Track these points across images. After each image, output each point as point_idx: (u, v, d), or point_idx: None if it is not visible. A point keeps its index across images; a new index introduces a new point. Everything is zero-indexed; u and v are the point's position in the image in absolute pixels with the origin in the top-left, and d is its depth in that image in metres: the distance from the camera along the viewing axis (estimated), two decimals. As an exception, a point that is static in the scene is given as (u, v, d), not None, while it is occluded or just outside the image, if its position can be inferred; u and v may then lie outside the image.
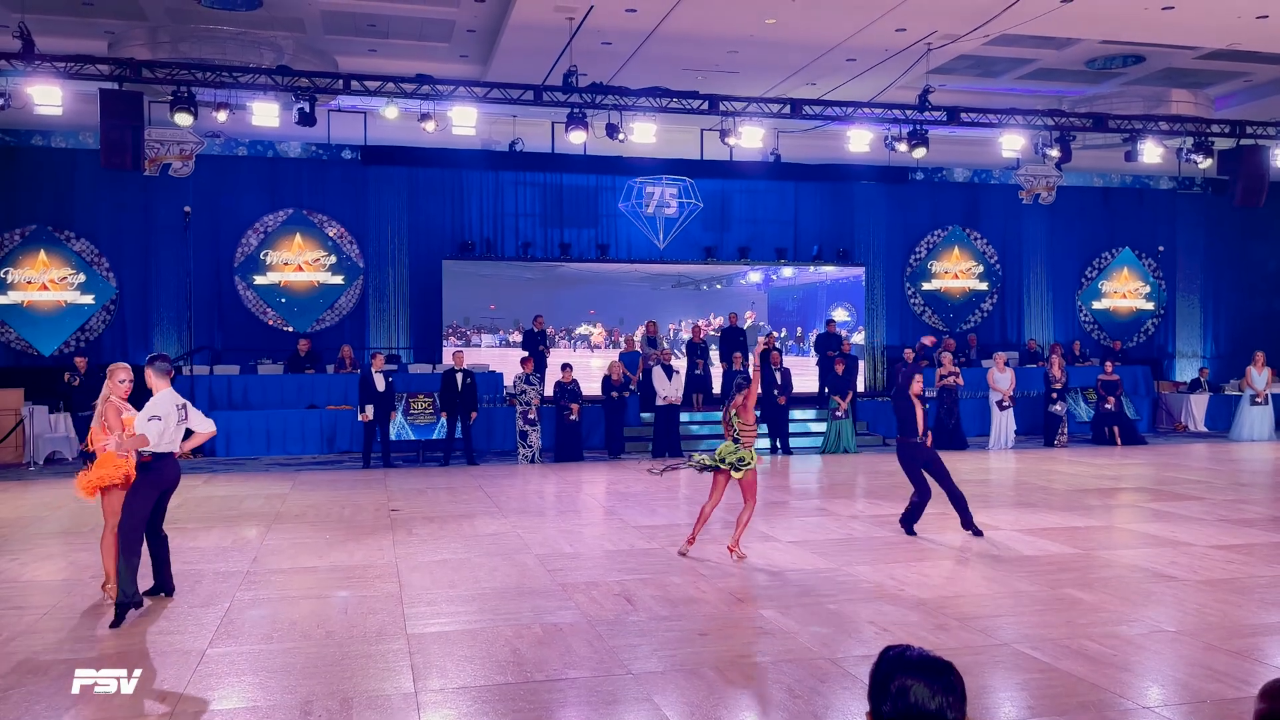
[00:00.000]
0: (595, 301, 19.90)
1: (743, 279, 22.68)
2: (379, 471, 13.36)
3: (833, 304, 21.67)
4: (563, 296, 19.27)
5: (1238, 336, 20.55)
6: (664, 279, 20.54)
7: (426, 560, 7.78)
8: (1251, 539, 8.39)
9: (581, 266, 18.72)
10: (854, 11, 12.37)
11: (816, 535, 8.79)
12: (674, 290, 20.96)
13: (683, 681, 5.02)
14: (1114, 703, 4.70)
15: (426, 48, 14.35)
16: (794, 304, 23.00)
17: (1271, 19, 12.58)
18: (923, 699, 1.75)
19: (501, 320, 18.99)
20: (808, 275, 21.73)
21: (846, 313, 20.89)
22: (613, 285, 19.89)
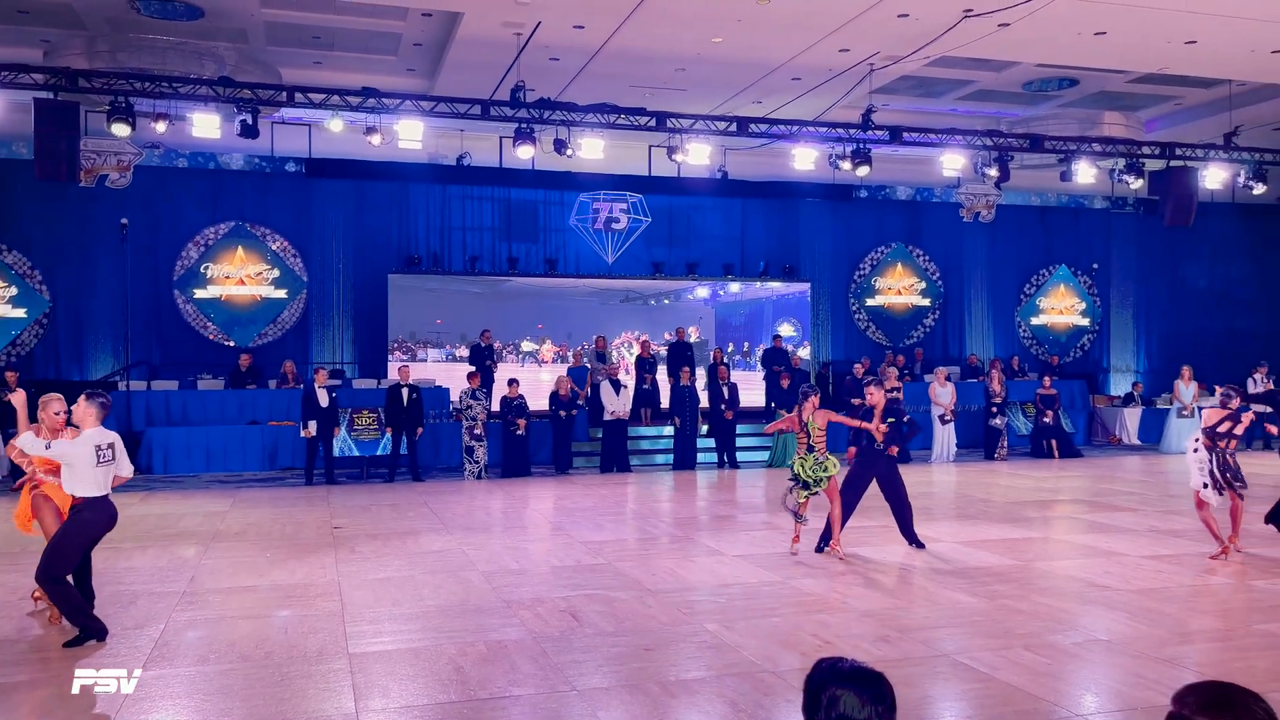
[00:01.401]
0: (543, 316, 19.85)
1: (690, 294, 22.80)
2: (322, 488, 13.17)
3: (779, 319, 21.85)
4: (510, 311, 19.20)
5: (1169, 352, 21.16)
6: (612, 294, 20.56)
7: (370, 578, 7.69)
8: (1180, 549, 8.63)
9: (529, 281, 18.68)
10: (798, 32, 12.57)
11: (762, 549, 8.85)
12: (622, 305, 20.99)
13: (627, 697, 5.02)
14: (1050, 711, 4.80)
15: (373, 60, 14.27)
16: (741, 319, 23.18)
17: (1200, 44, 13.04)
18: (852, 709, 1.78)
19: (448, 335, 18.84)
20: (754, 291, 21.91)
21: (792, 328, 21.09)
22: (561, 300, 19.86)
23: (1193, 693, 1.72)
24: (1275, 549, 8.66)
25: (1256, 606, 6.75)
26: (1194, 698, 1.71)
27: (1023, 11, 11.54)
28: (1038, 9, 11.43)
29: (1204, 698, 1.70)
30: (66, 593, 5.87)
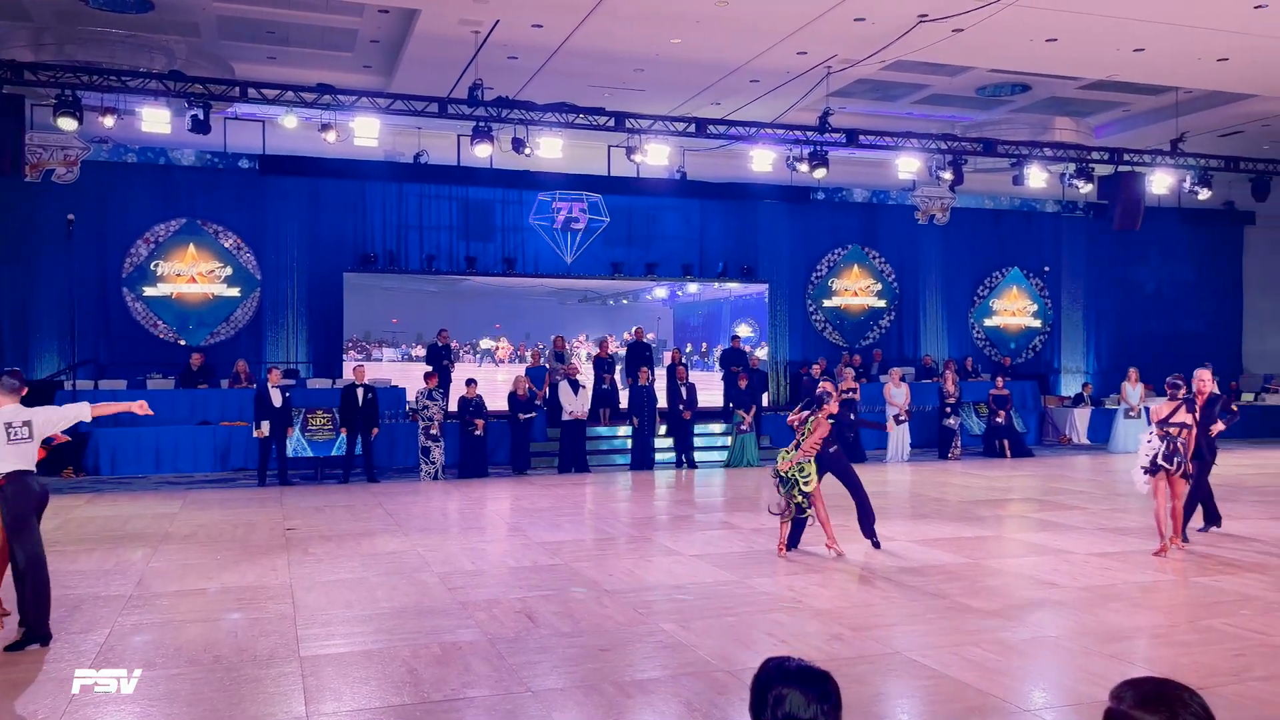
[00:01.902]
0: (501, 316, 19.76)
1: (649, 294, 22.84)
2: (275, 489, 12.99)
3: (736, 320, 21.98)
4: (467, 310, 19.07)
5: (1118, 353, 21.57)
6: (570, 294, 20.52)
7: (323, 580, 7.60)
8: (1126, 547, 8.80)
9: (487, 280, 18.56)
10: (757, 34, 12.64)
11: (719, 548, 8.88)
12: (580, 305, 20.97)
13: (582, 698, 5.01)
14: (999, 707, 4.87)
15: (328, 56, 14.12)
16: (699, 320, 23.28)
17: (1147, 52, 13.32)
18: (798, 708, 1.79)
19: (404, 334, 18.66)
20: (712, 291, 22.00)
21: (749, 329, 21.21)
22: (518, 299, 19.79)
23: (1130, 688, 1.75)
24: (1216, 546, 8.86)
25: (1199, 603, 6.90)
26: (1131, 693, 1.74)
27: (976, 17, 11.71)
28: (991, 15, 11.60)
29: (1140, 693, 1.73)
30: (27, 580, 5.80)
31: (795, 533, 8.65)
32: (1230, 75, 14.36)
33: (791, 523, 8.57)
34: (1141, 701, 1.71)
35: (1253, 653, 5.68)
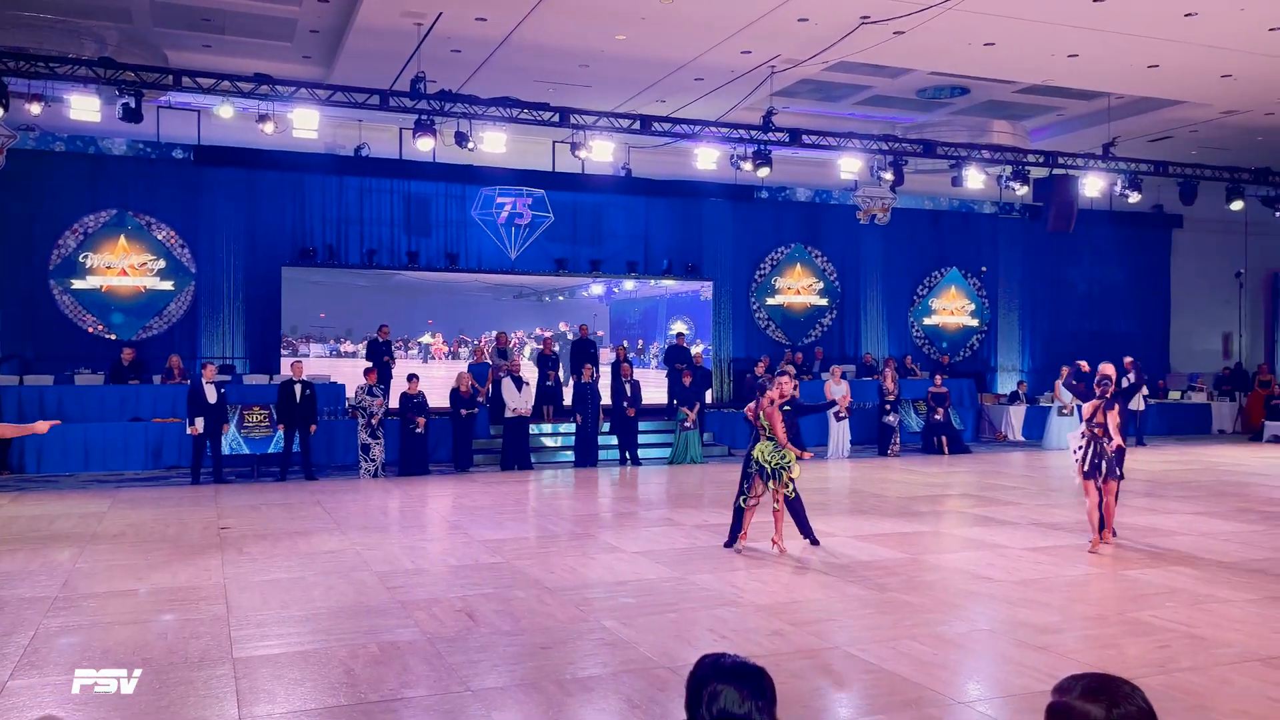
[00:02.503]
0: (434, 311, 19.49)
1: (585, 291, 22.76)
2: (209, 488, 12.71)
3: (673, 317, 22.00)
4: (399, 305, 18.73)
5: (1051, 352, 22.07)
6: (505, 289, 20.34)
7: (258, 580, 7.44)
8: (1058, 541, 9.01)
9: (421, 275, 18.28)
10: (701, 32, 12.67)
11: (661, 545, 8.89)
12: (516, 301, 20.81)
13: (523, 697, 4.98)
14: (934, 700, 4.95)
15: (266, 46, 13.83)
16: (636, 317, 23.26)
17: (1081, 58, 13.64)
18: (732, 704, 1.79)
19: (332, 329, 18.29)
20: (649, 289, 21.98)
21: (685, 326, 21.27)
22: (452, 295, 19.52)
23: (1074, 681, 1.80)
24: (1146, 540, 9.11)
25: (1127, 596, 7.09)
26: (1074, 686, 1.79)
27: (917, 20, 11.88)
28: (931, 19, 11.77)
29: (1084, 686, 1.78)
30: None
31: (737, 526, 8.70)
32: (1160, 82, 14.76)
33: (735, 512, 8.66)
34: (1084, 694, 1.75)
35: (1178, 644, 5.85)
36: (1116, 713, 1.71)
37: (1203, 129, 17.55)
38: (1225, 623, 6.29)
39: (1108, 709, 1.72)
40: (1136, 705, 1.73)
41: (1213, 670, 5.34)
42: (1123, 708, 1.72)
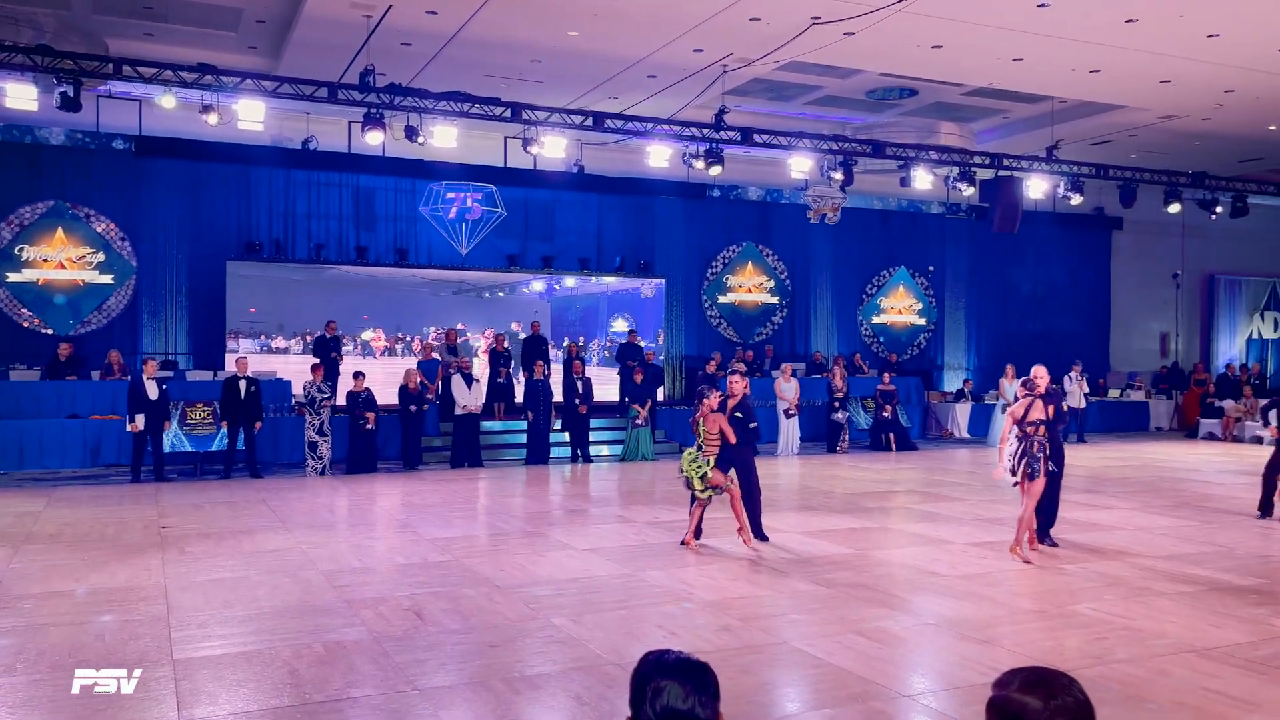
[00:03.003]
0: (371, 307, 19.19)
1: (526, 288, 22.67)
2: (150, 486, 12.44)
3: (614, 315, 21.99)
4: (336, 301, 18.41)
5: (996, 351, 22.45)
6: (445, 285, 20.13)
7: (200, 580, 7.30)
8: (1002, 536, 9.16)
9: (356, 270, 18.01)
10: (653, 30, 12.67)
11: (612, 542, 8.89)
12: (455, 297, 20.62)
13: (470, 695, 4.95)
14: (880, 693, 5.01)
15: (211, 36, 13.56)
16: (577, 314, 23.21)
17: (1026, 62, 13.89)
18: (676, 699, 1.80)
19: (262, 324, 17.92)
20: (589, 286, 21.93)
21: (626, 323, 21.28)
22: (391, 290, 19.25)
23: (1014, 675, 1.84)
24: (1085, 535, 9.31)
25: (1066, 589, 7.24)
26: (1014, 679, 1.83)
27: (867, 22, 12.00)
28: (881, 20, 11.90)
29: (1024, 678, 1.82)
30: None
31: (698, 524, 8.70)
32: (1101, 86, 15.09)
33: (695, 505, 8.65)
34: (1023, 687, 1.79)
35: (1115, 636, 5.98)
36: (1054, 704, 1.75)
37: (1142, 133, 17.97)
38: (1161, 615, 6.46)
39: (1046, 701, 1.75)
40: (1074, 696, 1.77)
41: (1149, 661, 5.48)
42: (1060, 699, 1.76)
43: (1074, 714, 1.75)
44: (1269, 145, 18.69)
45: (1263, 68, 13.92)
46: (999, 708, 1.80)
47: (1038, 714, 1.75)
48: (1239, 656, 5.57)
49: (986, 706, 1.84)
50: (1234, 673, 5.30)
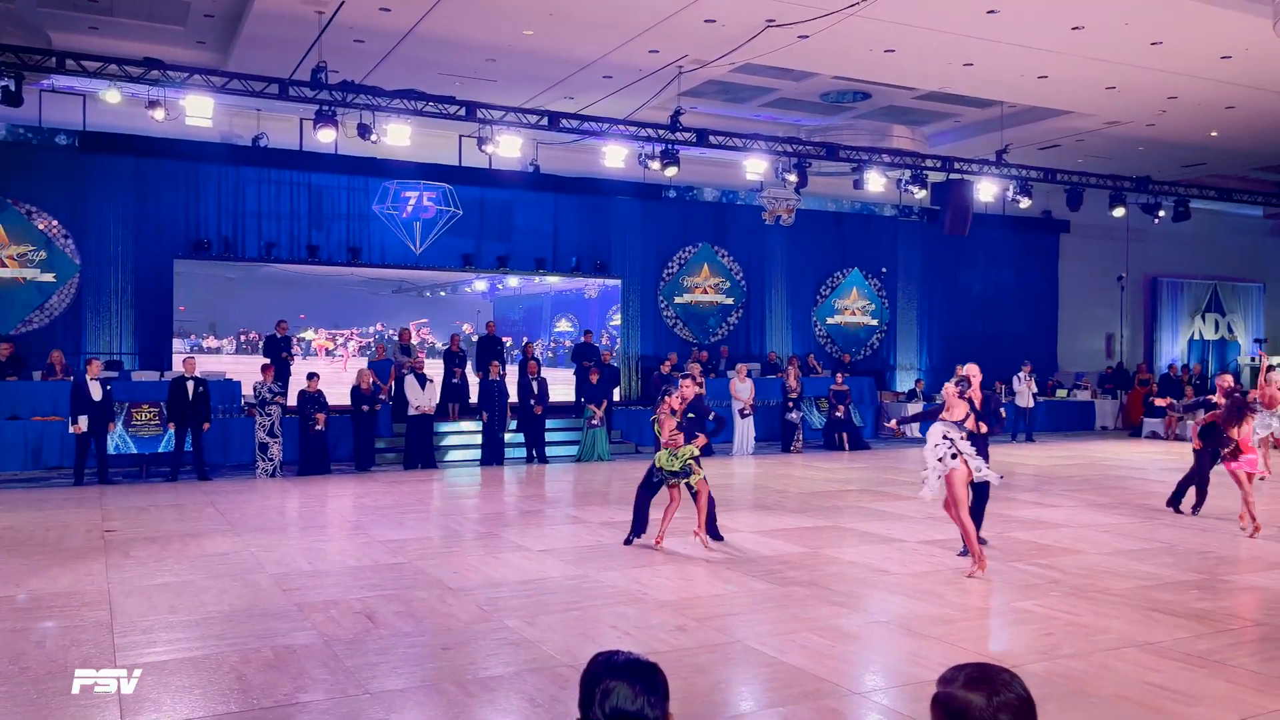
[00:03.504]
0: (305, 305, 18.85)
1: (468, 287, 22.50)
2: (94, 489, 12.17)
3: (557, 315, 21.89)
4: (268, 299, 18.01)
5: (947, 351, 22.78)
6: (384, 284, 19.92)
7: (145, 584, 7.16)
8: (950, 533, 9.28)
9: (290, 267, 17.80)
10: (609, 30, 12.67)
11: (567, 543, 8.87)
12: (395, 296, 20.39)
13: (423, 698, 4.90)
14: (832, 691, 5.05)
15: (158, 30, 13.29)
16: (519, 314, 23.10)
17: (976, 67, 14.11)
18: (624, 700, 1.80)
19: (192, 324, 17.60)
20: (532, 286, 21.85)
21: (569, 324, 21.21)
22: (325, 289, 18.93)
23: (957, 672, 1.87)
24: (1031, 533, 9.47)
25: (1014, 586, 7.36)
26: (959, 676, 1.86)
27: (821, 25, 12.11)
28: (834, 24, 12.01)
29: (967, 675, 1.84)
30: None
31: (641, 523, 8.72)
32: (1049, 92, 15.38)
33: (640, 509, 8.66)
34: (967, 683, 1.82)
35: (1061, 632, 6.09)
36: (997, 700, 1.78)
37: (1088, 138, 18.34)
38: (1105, 611, 6.59)
39: (989, 698, 1.78)
40: (1015, 693, 1.80)
41: (1093, 656, 5.59)
42: (1003, 696, 1.79)
43: (1016, 710, 1.78)
44: (1210, 151, 19.19)
45: (1204, 75, 14.28)
46: (943, 705, 1.83)
47: (981, 711, 1.77)
48: (1180, 650, 5.70)
49: (931, 703, 1.87)
50: (1175, 667, 5.43)
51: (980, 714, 1.77)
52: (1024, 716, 1.78)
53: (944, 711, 1.81)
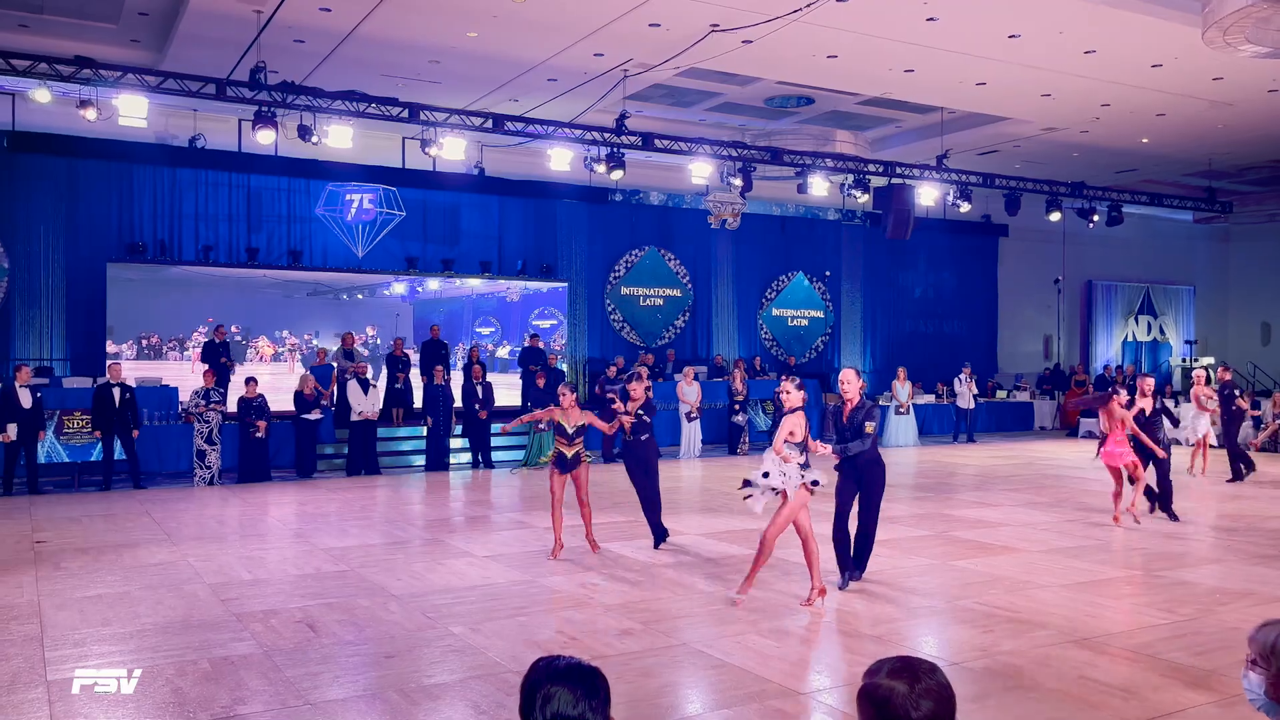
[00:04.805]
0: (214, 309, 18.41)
1: (386, 290, 22.26)
2: (23, 499, 11.80)
3: (478, 319, 21.72)
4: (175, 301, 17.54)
5: (891, 353, 23.09)
6: (299, 285, 19.58)
7: (77, 596, 6.95)
8: (894, 534, 9.42)
9: (198, 269, 17.47)
10: (554, 33, 12.63)
11: (513, 548, 8.81)
12: (309, 299, 20.06)
13: (365, 708, 4.83)
14: (778, 692, 5.08)
15: (90, 28, 12.94)
16: (440, 318, 22.94)
17: (917, 74, 14.33)
18: (566, 706, 1.79)
19: None
20: (453, 289, 21.67)
21: (490, 328, 21.10)
22: (237, 291, 18.52)
23: (882, 664, 1.97)
24: (971, 532, 9.63)
25: (956, 583, 7.47)
26: (884, 668, 1.96)
27: (764, 30, 12.20)
28: (778, 30, 12.11)
29: (890, 667, 1.95)
30: None
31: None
32: (987, 99, 15.68)
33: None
34: (891, 673, 1.93)
35: (1001, 629, 6.20)
36: (919, 687, 1.89)
37: (1025, 144, 18.74)
38: (1043, 607, 6.72)
39: (911, 684, 1.89)
40: (936, 680, 1.92)
41: (1032, 652, 5.69)
42: (924, 682, 1.90)
43: (936, 696, 1.89)
44: (1141, 157, 19.73)
45: (1135, 83, 14.68)
46: (869, 695, 1.92)
47: (904, 697, 1.88)
48: (1116, 646, 5.83)
49: (857, 696, 1.96)
50: (1111, 661, 5.55)
51: (903, 700, 1.87)
52: (944, 703, 1.89)
53: (869, 701, 1.91)
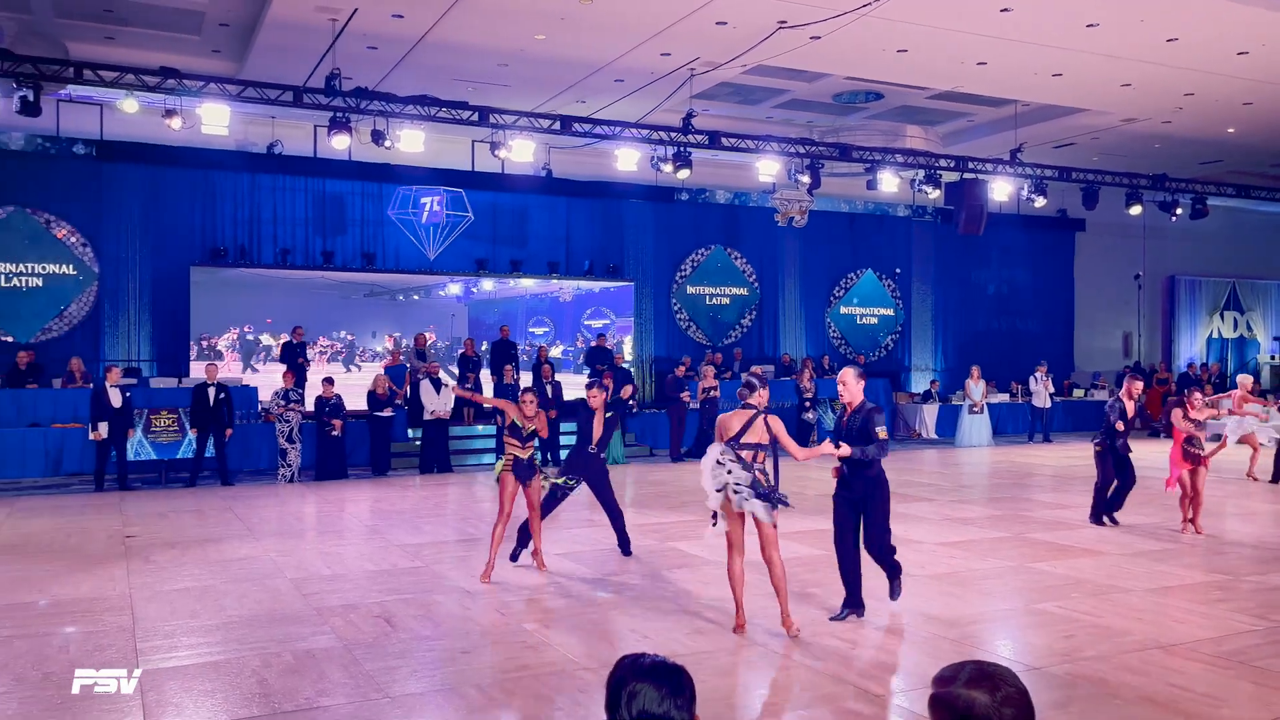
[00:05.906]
0: (273, 309, 18.72)
1: (441, 290, 22.38)
2: (114, 495, 12.25)
3: (531, 319, 21.76)
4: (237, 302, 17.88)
5: (963, 352, 22.68)
6: (356, 287, 19.83)
7: (165, 589, 7.20)
8: (970, 536, 9.26)
9: (255, 271, 17.84)
10: (621, 34, 12.68)
11: (584, 546, 8.88)
12: (366, 300, 20.29)
13: (443, 702, 4.92)
14: (853, 694, 5.03)
15: (174, 39, 13.39)
16: (495, 318, 23.07)
17: (990, 66, 14.04)
18: (651, 703, 1.80)
19: None
20: (507, 290, 21.74)
21: (544, 328, 21.13)
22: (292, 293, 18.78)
23: (958, 671, 1.86)
24: (1050, 534, 9.40)
25: (1035, 587, 7.31)
26: (957, 674, 1.85)
27: (833, 26, 12.08)
28: (846, 25, 11.98)
29: (966, 673, 1.84)
30: None
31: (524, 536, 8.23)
32: (1064, 90, 15.29)
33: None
34: (969, 681, 1.82)
35: (1082, 634, 6.06)
36: (1000, 695, 1.79)
37: (1104, 136, 18.24)
38: (1127, 612, 6.54)
39: (992, 694, 1.79)
40: (1016, 688, 1.82)
41: (1116, 658, 5.55)
42: (1004, 691, 1.80)
43: (1018, 704, 1.79)
44: (1227, 148, 19.05)
45: (1220, 71, 14.18)
46: (945, 704, 1.82)
47: (986, 708, 1.78)
48: (1204, 652, 5.66)
49: (930, 703, 1.85)
50: (1200, 668, 5.38)
51: (985, 711, 1.78)
52: (1025, 710, 1.80)
53: (947, 710, 1.81)
